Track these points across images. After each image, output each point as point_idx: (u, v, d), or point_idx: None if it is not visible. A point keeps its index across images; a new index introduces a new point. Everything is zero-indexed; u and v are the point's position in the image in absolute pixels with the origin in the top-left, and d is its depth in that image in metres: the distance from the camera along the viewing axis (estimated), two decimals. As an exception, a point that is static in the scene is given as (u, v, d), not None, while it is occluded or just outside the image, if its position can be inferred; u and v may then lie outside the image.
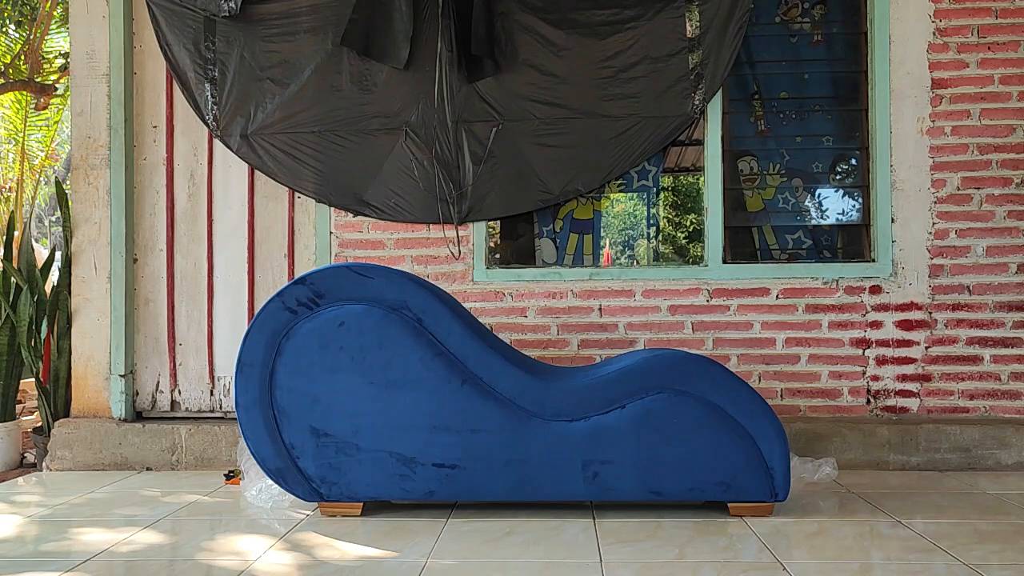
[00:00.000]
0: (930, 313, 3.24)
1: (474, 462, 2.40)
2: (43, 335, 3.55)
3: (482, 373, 2.40)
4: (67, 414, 3.49)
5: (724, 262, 3.32)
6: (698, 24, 3.26)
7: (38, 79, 6.32)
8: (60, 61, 6.60)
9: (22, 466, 3.54)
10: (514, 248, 3.57)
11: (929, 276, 3.24)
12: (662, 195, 3.82)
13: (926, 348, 3.24)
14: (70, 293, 3.47)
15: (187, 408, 3.46)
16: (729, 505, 2.42)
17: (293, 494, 2.47)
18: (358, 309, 2.42)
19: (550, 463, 2.39)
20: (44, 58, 6.49)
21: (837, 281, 3.27)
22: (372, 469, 2.42)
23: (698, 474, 2.38)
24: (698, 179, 3.69)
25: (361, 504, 2.48)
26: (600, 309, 3.32)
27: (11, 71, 6.20)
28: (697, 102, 3.27)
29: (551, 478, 2.40)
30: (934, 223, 3.25)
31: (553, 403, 2.40)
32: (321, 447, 2.42)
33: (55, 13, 6.22)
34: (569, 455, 2.39)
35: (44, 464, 3.32)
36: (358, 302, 2.42)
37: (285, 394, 2.43)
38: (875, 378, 3.25)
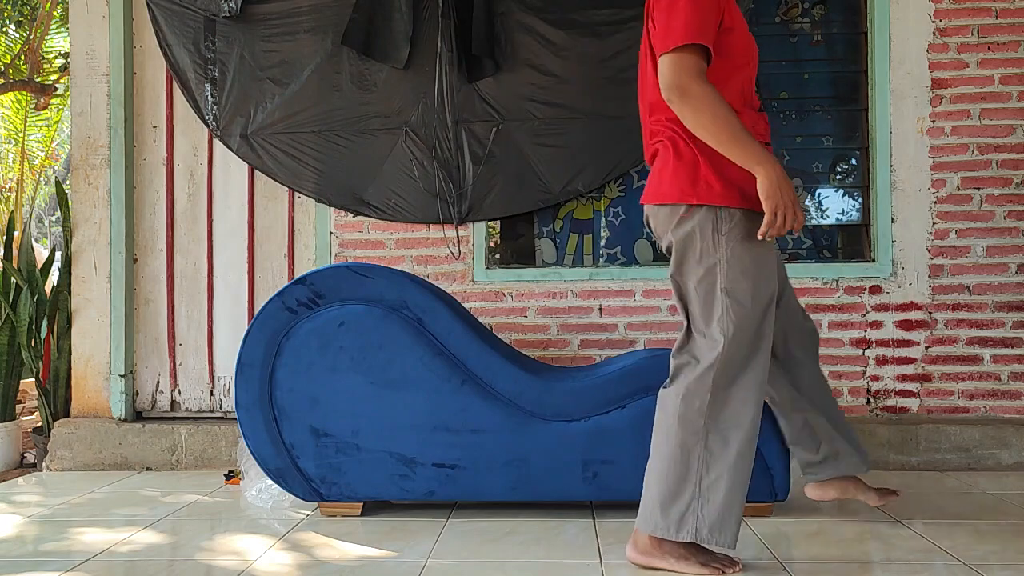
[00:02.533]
0: (930, 313, 3.24)
1: (474, 462, 2.40)
2: (43, 335, 3.55)
3: (482, 373, 2.40)
4: (67, 414, 3.49)
5: (724, 262, 3.31)
6: (698, 24, 3.26)
7: (38, 79, 6.32)
8: (60, 61, 6.61)
9: (22, 466, 3.54)
10: (514, 248, 3.57)
11: (929, 276, 3.24)
12: (662, 195, 3.81)
13: (926, 348, 3.24)
14: (70, 293, 3.47)
15: (187, 408, 3.46)
16: (729, 505, 2.42)
17: (293, 494, 2.47)
18: (358, 309, 2.42)
19: (550, 463, 2.39)
20: (44, 58, 6.50)
21: (837, 281, 3.27)
22: (372, 469, 2.42)
23: (698, 474, 2.37)
24: (698, 179, 3.68)
25: (361, 504, 2.48)
26: (600, 309, 3.32)
27: (11, 71, 6.20)
28: (697, 102, 3.26)
29: (551, 478, 2.40)
30: (934, 223, 3.25)
31: (553, 403, 2.40)
32: (321, 447, 2.42)
33: (55, 13, 6.22)
34: (569, 455, 2.39)
35: (44, 464, 3.32)
36: (358, 302, 2.42)
37: (285, 394, 2.43)
38: (875, 378, 3.25)
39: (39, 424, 3.83)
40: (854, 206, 3.45)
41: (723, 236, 1.84)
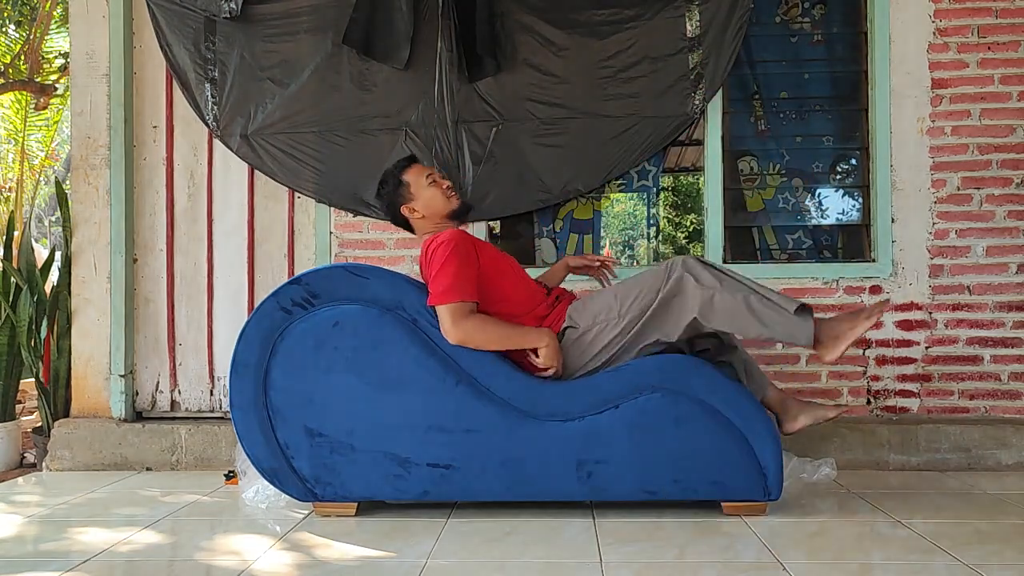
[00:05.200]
0: (930, 313, 3.24)
1: (469, 462, 2.40)
2: (43, 335, 3.56)
3: (476, 373, 2.39)
4: (67, 414, 3.49)
5: (724, 262, 3.31)
6: (698, 24, 3.26)
7: (38, 79, 6.32)
8: (60, 61, 6.60)
9: (22, 466, 3.55)
10: (514, 248, 3.57)
11: (929, 276, 3.24)
12: (662, 195, 3.82)
13: (926, 348, 3.24)
14: (70, 293, 3.47)
15: (187, 408, 3.46)
16: (723, 504, 2.42)
17: (288, 494, 2.47)
18: (353, 309, 2.41)
19: (544, 463, 2.39)
20: (44, 58, 6.49)
21: (837, 281, 3.27)
22: (367, 469, 2.41)
23: (691, 473, 2.37)
24: (698, 179, 3.70)
25: (355, 504, 2.47)
26: (600, 309, 3.31)
27: (11, 71, 6.20)
28: (697, 102, 3.26)
29: (545, 478, 2.39)
30: (934, 223, 3.25)
31: (547, 403, 2.39)
32: (315, 447, 2.42)
33: (55, 13, 6.22)
34: (563, 455, 2.38)
35: (44, 464, 3.32)
36: (353, 302, 2.41)
37: (279, 394, 2.42)
38: (875, 378, 3.25)
39: (39, 424, 3.83)
40: (854, 206, 3.45)
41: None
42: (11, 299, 3.49)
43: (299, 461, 2.43)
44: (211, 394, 3.46)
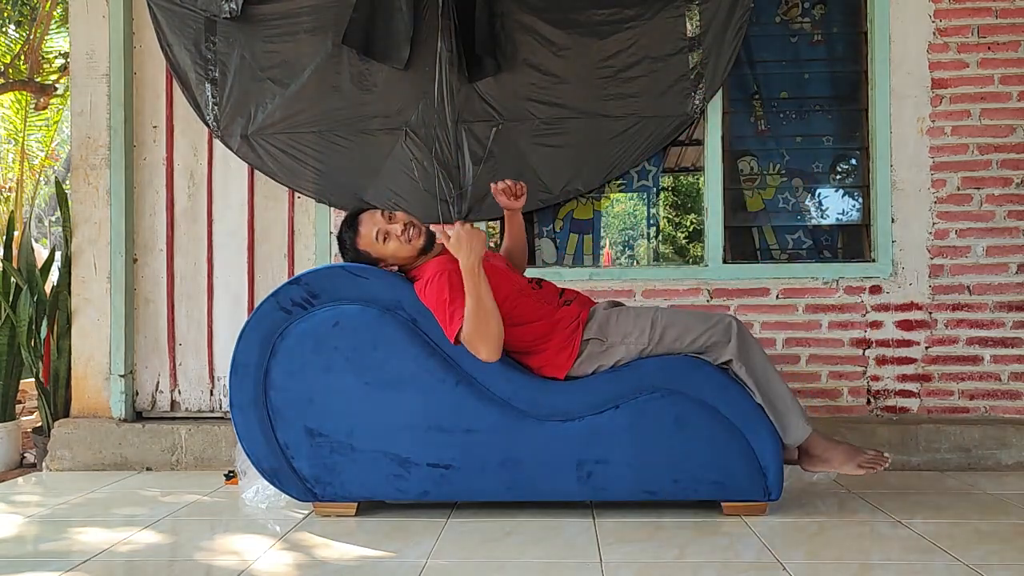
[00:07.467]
0: (930, 313, 3.24)
1: (468, 462, 2.40)
2: (43, 335, 3.55)
3: (476, 373, 2.39)
4: (67, 414, 3.49)
5: (724, 262, 3.31)
6: (698, 24, 3.26)
7: (38, 79, 6.32)
8: (60, 61, 6.60)
9: (22, 466, 3.54)
10: (514, 248, 3.56)
11: (929, 276, 3.24)
12: (662, 195, 3.82)
13: (926, 348, 3.24)
14: (70, 293, 3.47)
15: (187, 408, 3.46)
16: (723, 504, 2.42)
17: (287, 494, 2.47)
18: (353, 309, 2.41)
19: (544, 463, 2.39)
20: (44, 58, 6.49)
21: (837, 281, 3.26)
22: (367, 469, 2.42)
23: (691, 473, 2.38)
24: (698, 179, 3.69)
25: (355, 504, 2.47)
26: (600, 309, 3.31)
27: (11, 71, 6.20)
28: (697, 102, 3.26)
29: (545, 478, 2.39)
30: (934, 223, 3.25)
31: (547, 403, 2.39)
32: (315, 447, 2.42)
33: (55, 13, 6.22)
34: (563, 455, 2.38)
35: (44, 464, 3.32)
36: (353, 302, 2.41)
37: (279, 394, 2.42)
38: (875, 378, 3.25)
39: (39, 424, 3.83)
40: (854, 206, 3.45)
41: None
42: (11, 299, 3.49)
43: (299, 461, 2.43)
44: (211, 394, 3.46)
